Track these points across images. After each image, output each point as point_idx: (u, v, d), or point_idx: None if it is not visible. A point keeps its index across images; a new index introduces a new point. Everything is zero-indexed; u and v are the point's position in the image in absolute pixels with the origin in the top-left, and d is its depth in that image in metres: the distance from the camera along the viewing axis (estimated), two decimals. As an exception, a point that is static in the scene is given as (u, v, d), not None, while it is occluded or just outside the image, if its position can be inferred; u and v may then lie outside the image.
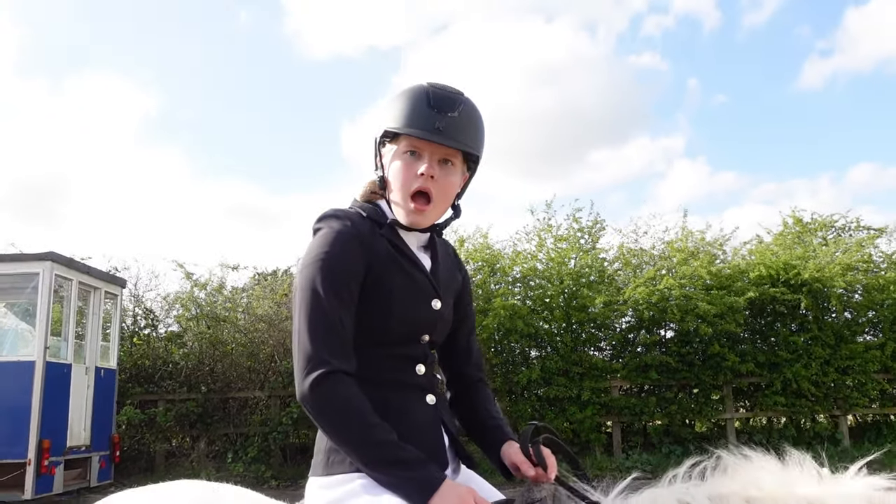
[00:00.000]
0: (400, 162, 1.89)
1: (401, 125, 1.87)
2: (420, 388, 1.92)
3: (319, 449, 1.87)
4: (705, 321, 12.50)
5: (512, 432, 2.01)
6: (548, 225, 14.24)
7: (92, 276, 11.57)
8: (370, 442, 1.70)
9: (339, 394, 1.72)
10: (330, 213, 1.92)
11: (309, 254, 1.85)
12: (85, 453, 10.83)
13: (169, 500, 1.92)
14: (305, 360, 1.75)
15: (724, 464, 1.62)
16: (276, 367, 13.49)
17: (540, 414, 12.68)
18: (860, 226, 15.30)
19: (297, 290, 1.84)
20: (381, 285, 1.86)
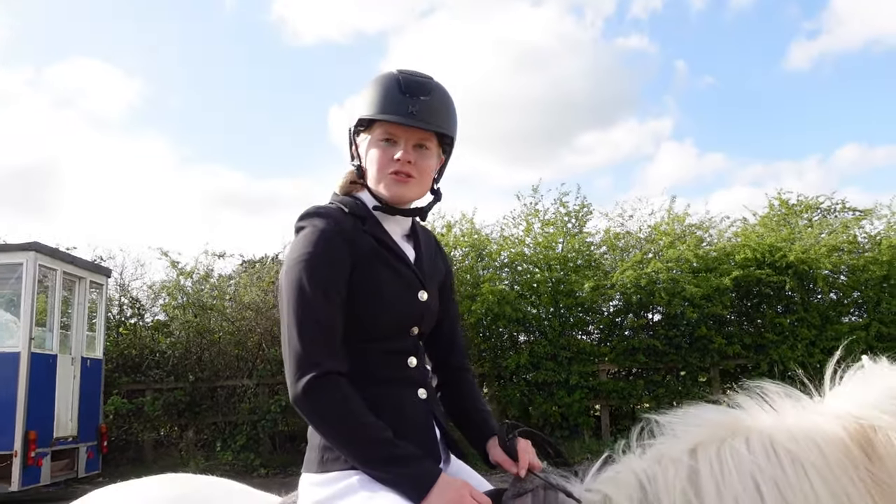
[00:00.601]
0: (376, 150, 1.91)
1: (374, 112, 1.88)
2: (412, 381, 1.93)
3: (313, 446, 1.86)
4: (692, 304, 12.56)
5: (497, 425, 2.02)
6: (535, 209, 14.25)
7: (76, 265, 11.48)
8: (366, 441, 1.71)
9: (333, 395, 1.72)
10: (312, 211, 1.91)
11: (293, 253, 1.84)
12: (72, 444, 10.78)
13: (155, 496, 1.90)
14: (297, 363, 1.75)
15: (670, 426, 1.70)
16: (264, 355, 13.46)
17: (528, 399, 12.73)
18: (845, 207, 15.38)
19: (284, 290, 1.83)
20: (367, 281, 1.85)
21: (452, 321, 2.16)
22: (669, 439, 1.68)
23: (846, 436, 1.53)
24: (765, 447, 1.57)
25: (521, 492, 1.76)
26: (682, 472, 1.60)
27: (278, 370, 12.92)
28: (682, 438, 1.66)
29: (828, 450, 1.53)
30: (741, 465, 1.55)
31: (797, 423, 1.60)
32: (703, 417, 1.69)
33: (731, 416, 1.68)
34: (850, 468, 1.51)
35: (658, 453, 1.67)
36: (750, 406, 1.69)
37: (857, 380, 1.66)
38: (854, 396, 1.61)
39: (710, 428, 1.65)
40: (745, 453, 1.56)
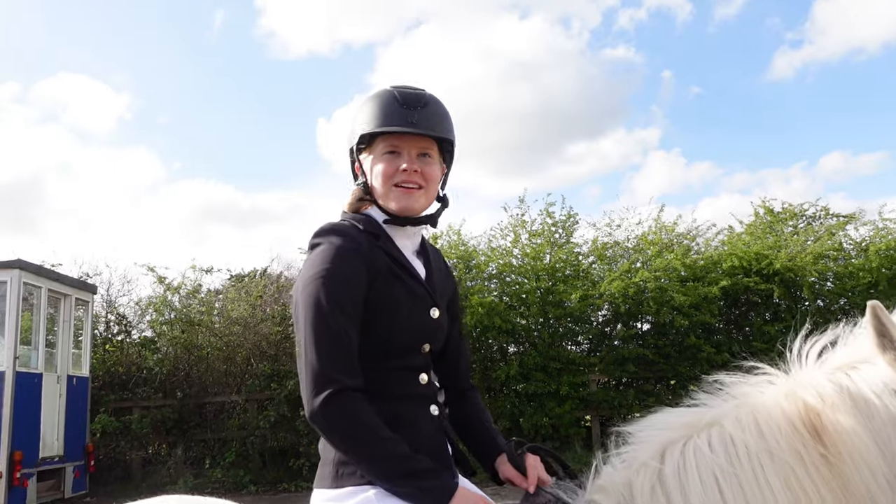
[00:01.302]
0: (381, 163, 1.95)
1: (375, 126, 1.93)
2: (425, 398, 1.95)
3: (326, 461, 1.87)
4: (681, 313, 12.59)
5: (505, 442, 2.06)
6: (522, 220, 14.25)
7: (62, 283, 11.39)
8: (384, 456, 1.72)
9: (350, 411, 1.73)
10: (328, 228, 1.93)
11: (310, 270, 1.85)
12: (58, 464, 10.66)
13: None
14: (314, 379, 1.75)
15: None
16: (253, 371, 13.37)
17: (519, 410, 12.69)
18: (829, 213, 15.48)
19: (300, 307, 1.83)
20: (382, 298, 1.87)
21: (458, 339, 2.18)
22: (640, 445, 1.73)
23: (797, 419, 1.58)
24: (724, 442, 1.61)
25: None
26: (652, 476, 1.65)
27: (267, 385, 12.85)
28: (651, 442, 1.71)
29: (779, 437, 1.57)
30: (702, 463, 1.60)
31: (753, 412, 1.64)
32: (668, 420, 1.74)
33: (694, 415, 1.72)
34: (802, 453, 1.55)
35: (631, 459, 1.72)
36: (712, 401, 1.74)
37: (814, 357, 1.72)
38: (804, 377, 1.67)
39: (675, 430, 1.70)
40: (707, 451, 1.61)
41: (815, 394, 1.59)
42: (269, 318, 13.96)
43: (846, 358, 1.65)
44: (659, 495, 1.62)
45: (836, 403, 1.56)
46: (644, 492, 1.64)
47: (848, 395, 1.57)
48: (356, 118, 2.00)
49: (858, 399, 1.56)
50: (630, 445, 1.76)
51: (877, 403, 1.54)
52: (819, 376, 1.64)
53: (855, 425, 1.53)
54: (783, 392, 1.65)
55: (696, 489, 1.58)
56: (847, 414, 1.54)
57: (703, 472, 1.59)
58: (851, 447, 1.52)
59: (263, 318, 14.00)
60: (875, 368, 1.59)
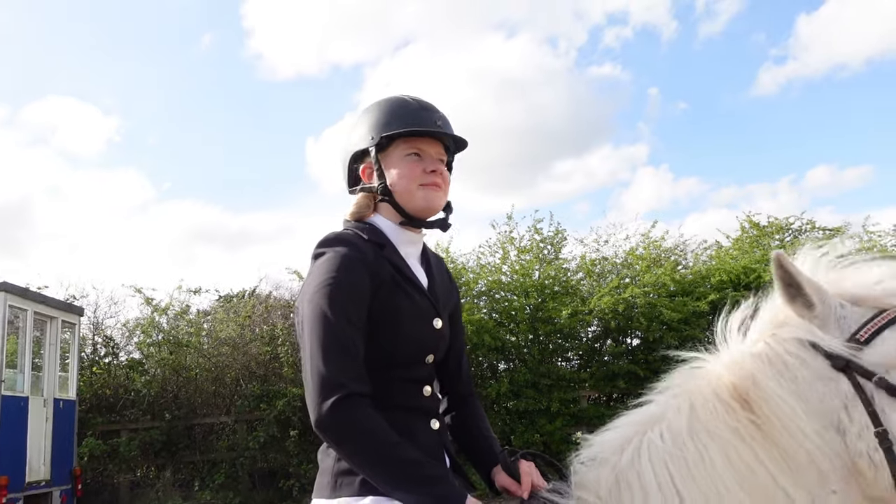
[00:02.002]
0: (405, 164, 1.96)
1: (400, 126, 1.95)
2: (426, 411, 1.94)
3: (325, 470, 1.85)
4: (670, 328, 12.61)
5: (499, 451, 2.06)
6: (510, 237, 14.29)
7: (48, 305, 11.30)
8: (395, 461, 1.70)
9: (359, 416, 1.71)
10: (332, 238, 1.93)
11: (315, 279, 1.85)
12: (45, 488, 10.53)
13: None
14: (321, 385, 1.73)
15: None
16: (242, 391, 13.28)
17: (510, 427, 12.65)
18: (815, 227, 15.59)
19: (306, 316, 1.82)
20: (386, 309, 1.87)
21: (459, 348, 2.17)
22: (603, 445, 1.78)
23: (726, 395, 1.62)
24: (671, 430, 1.66)
25: None
26: (614, 469, 1.70)
27: (256, 406, 12.76)
28: (611, 442, 1.77)
29: (713, 416, 1.62)
30: (654, 452, 1.65)
31: (689, 397, 1.69)
32: (623, 422, 1.80)
33: (643, 413, 1.78)
34: (737, 427, 1.58)
35: (597, 458, 1.77)
36: (658, 397, 1.79)
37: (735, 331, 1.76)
38: (727, 354, 1.71)
39: (629, 427, 1.76)
40: (658, 442, 1.66)
41: (740, 369, 1.62)
42: (258, 338, 13.89)
43: (764, 325, 1.69)
44: (622, 485, 1.66)
45: (757, 374, 1.58)
46: (608, 483, 1.68)
47: (767, 362, 1.59)
48: (365, 121, 2.01)
49: (778, 364, 1.58)
50: (595, 447, 1.80)
51: (795, 363, 1.57)
52: (740, 350, 1.67)
53: (779, 390, 1.55)
54: (711, 373, 1.69)
55: (649, 476, 1.62)
56: (771, 381, 1.57)
57: (655, 460, 1.63)
58: (780, 413, 1.53)
59: (252, 339, 13.94)
60: (789, 327, 1.62)
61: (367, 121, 2.01)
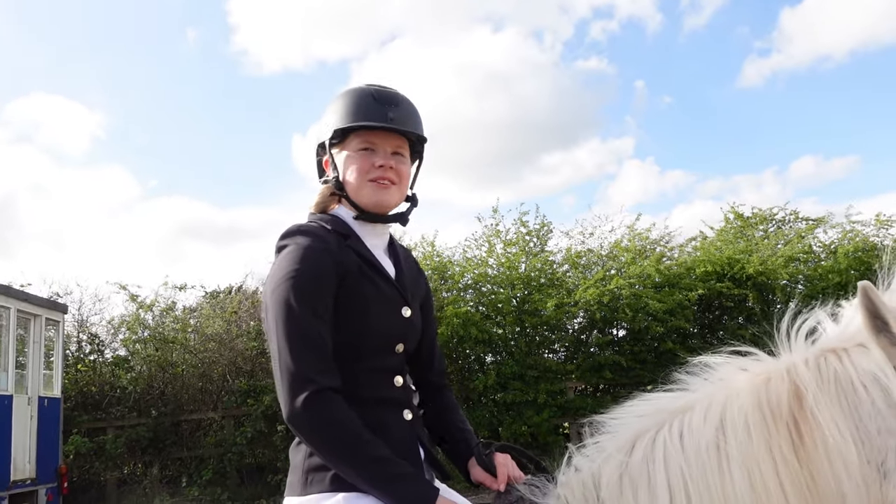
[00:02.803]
0: (356, 159, 1.94)
1: (352, 121, 1.93)
2: (398, 402, 1.93)
3: (296, 467, 1.84)
4: (656, 319, 12.69)
5: (475, 444, 2.04)
6: (496, 230, 14.31)
7: (31, 303, 11.21)
8: (366, 459, 1.70)
9: (331, 412, 1.71)
10: (294, 230, 1.91)
11: (279, 272, 1.83)
12: (30, 486, 10.46)
13: None
14: (291, 381, 1.72)
15: None
16: (229, 387, 13.26)
17: (498, 419, 12.69)
18: (798, 217, 15.73)
19: (271, 309, 1.81)
20: (352, 298, 1.85)
21: (431, 341, 2.16)
22: (614, 434, 1.71)
23: (772, 408, 1.51)
24: (693, 433, 1.57)
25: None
26: (619, 467, 1.63)
27: (243, 401, 12.74)
28: (623, 432, 1.69)
29: (750, 429, 1.51)
30: (670, 457, 1.56)
31: (727, 398, 1.58)
32: (642, 408, 1.71)
33: (669, 400, 1.69)
34: (771, 446, 1.48)
35: (601, 450, 1.71)
36: (692, 384, 1.69)
37: (803, 336, 1.64)
38: (790, 358, 1.59)
39: (648, 417, 1.68)
40: (676, 444, 1.57)
41: (798, 379, 1.51)
42: (245, 333, 13.86)
43: (838, 339, 1.55)
44: (626, 488, 1.60)
45: (819, 390, 1.47)
46: (611, 484, 1.62)
47: (834, 380, 1.48)
48: (328, 113, 2.00)
49: (846, 386, 1.47)
50: (604, 435, 1.75)
51: (863, 394, 1.45)
52: (806, 358, 1.54)
53: (836, 415, 1.44)
54: (764, 376, 1.57)
55: (663, 486, 1.55)
56: (830, 401, 1.46)
57: (671, 469, 1.56)
58: (828, 438, 1.43)
59: (239, 335, 13.90)
60: (867, 354, 1.48)
61: (328, 112, 2.00)
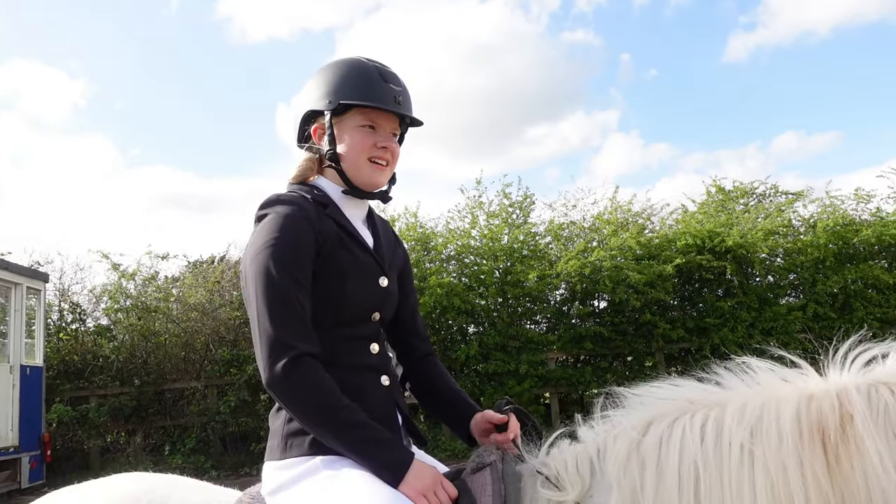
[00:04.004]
0: (358, 135, 1.95)
1: (360, 98, 1.93)
2: (374, 369, 1.95)
3: (275, 433, 1.87)
4: (636, 291, 12.81)
5: (476, 404, 2.10)
6: (479, 202, 14.33)
7: (11, 271, 11.14)
8: (343, 423, 1.73)
9: (309, 377, 1.73)
10: (273, 199, 1.92)
11: (258, 240, 1.85)
12: (13, 454, 10.49)
13: (116, 493, 1.89)
14: (270, 346, 1.74)
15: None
16: (212, 357, 13.28)
17: (480, 389, 12.82)
18: (779, 191, 15.85)
19: (250, 277, 1.83)
20: (331, 266, 1.87)
21: (413, 309, 2.19)
22: (629, 412, 1.73)
23: (810, 424, 1.47)
24: (717, 429, 1.54)
25: (479, 466, 1.79)
26: (630, 444, 1.63)
27: (226, 371, 12.78)
28: (640, 411, 1.70)
29: (782, 440, 1.47)
30: (686, 447, 1.55)
31: (765, 404, 1.54)
32: (669, 391, 1.71)
33: (699, 391, 1.67)
34: (803, 461, 1.45)
35: (613, 426, 1.73)
36: (728, 381, 1.66)
37: (861, 364, 1.57)
38: (840, 381, 1.55)
39: (671, 402, 1.67)
40: (696, 435, 1.55)
41: (845, 401, 1.47)
42: (228, 303, 13.85)
43: (894, 374, 1.51)
44: (633, 466, 1.60)
45: (867, 418, 1.43)
46: (618, 459, 1.63)
47: (884, 412, 1.44)
48: (326, 82, 1.98)
49: (895, 418, 1.43)
50: (621, 409, 1.75)
51: None
52: (858, 385, 1.50)
53: (882, 446, 1.40)
54: (809, 392, 1.53)
55: (673, 471, 1.54)
56: (878, 432, 1.42)
57: (685, 457, 1.54)
58: (868, 466, 1.40)
59: (222, 304, 13.89)
60: None
61: (326, 80, 1.98)
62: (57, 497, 1.93)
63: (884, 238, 13.93)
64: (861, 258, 14.06)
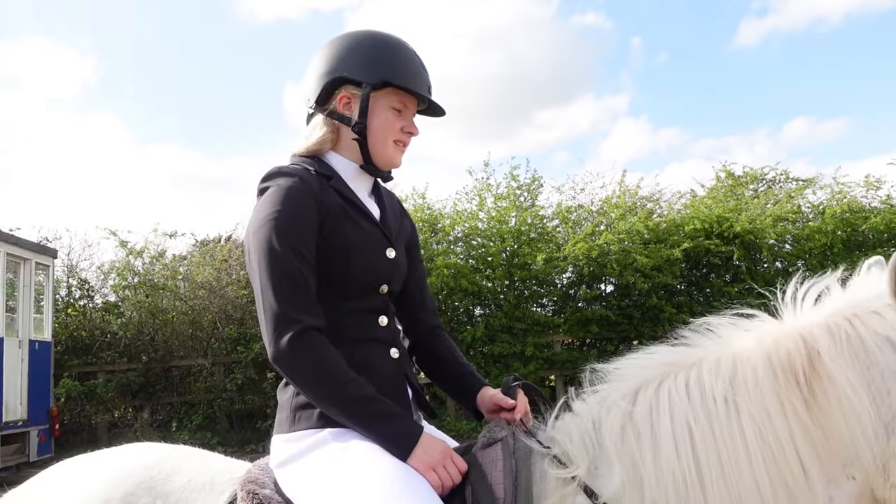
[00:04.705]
0: (388, 114, 1.95)
1: (404, 82, 1.93)
2: (383, 341, 1.94)
3: (284, 406, 1.86)
4: (643, 275, 12.80)
5: (483, 378, 2.08)
6: (487, 184, 14.30)
7: (21, 247, 11.20)
8: (350, 397, 1.72)
9: (315, 352, 1.72)
10: (275, 172, 1.90)
11: (260, 213, 1.83)
12: (22, 428, 10.60)
13: (127, 463, 1.90)
14: (275, 321, 1.73)
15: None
16: (219, 334, 13.35)
17: (485, 371, 12.86)
18: (789, 178, 15.76)
19: (253, 251, 1.81)
20: (336, 238, 1.85)
21: (420, 281, 2.17)
22: (616, 383, 1.76)
23: (782, 365, 1.55)
24: (700, 386, 1.60)
25: (490, 441, 1.79)
26: (623, 416, 1.66)
27: (233, 348, 12.85)
28: (626, 381, 1.73)
29: (759, 384, 1.55)
30: (676, 408, 1.60)
31: (735, 355, 1.62)
32: (647, 359, 1.76)
33: (675, 354, 1.73)
34: (783, 401, 1.53)
35: (603, 398, 1.75)
36: (695, 340, 1.74)
37: (811, 301, 1.68)
38: (798, 321, 1.65)
39: (652, 369, 1.72)
40: (683, 395, 1.61)
41: (809, 338, 1.56)
42: (235, 282, 13.90)
43: (847, 304, 1.61)
44: (629, 437, 1.63)
45: (833, 350, 1.53)
46: (613, 432, 1.65)
47: (847, 341, 1.54)
48: (370, 54, 1.94)
49: (858, 347, 1.53)
50: (606, 383, 1.78)
51: (877, 356, 1.52)
52: (816, 321, 1.60)
53: (850, 373, 1.50)
54: (771, 337, 1.62)
55: (667, 434, 1.58)
56: (843, 361, 1.51)
57: (676, 418, 1.59)
58: (842, 395, 1.49)
59: (229, 283, 13.94)
60: (880, 319, 1.55)
61: (369, 52, 1.95)
62: (70, 465, 1.94)
63: (893, 225, 13.86)
64: (870, 245, 13.98)
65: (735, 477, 1.51)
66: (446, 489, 1.70)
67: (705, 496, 1.52)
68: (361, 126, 1.94)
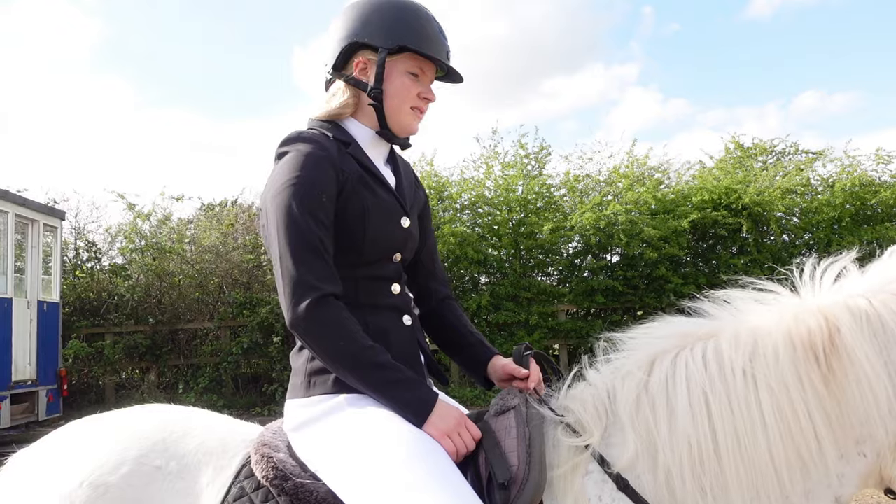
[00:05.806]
0: (405, 80, 1.94)
1: (422, 47, 1.92)
2: (396, 308, 1.95)
3: (298, 371, 1.87)
4: (650, 245, 12.77)
5: (494, 347, 2.09)
6: (494, 152, 14.23)
7: (29, 208, 11.22)
8: (367, 364, 1.73)
9: (333, 318, 1.73)
10: (294, 136, 1.89)
11: (279, 178, 1.82)
12: (31, 387, 10.71)
13: (139, 424, 1.92)
14: (294, 287, 1.73)
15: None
16: (225, 298, 13.42)
17: (490, 339, 12.91)
18: (799, 150, 15.63)
19: (271, 217, 1.80)
20: (353, 206, 1.85)
21: (432, 251, 2.17)
22: (631, 353, 1.77)
23: (801, 341, 1.58)
24: (718, 358, 1.62)
25: (503, 409, 1.79)
26: (638, 386, 1.68)
27: (239, 312, 12.93)
28: (641, 351, 1.75)
29: (779, 359, 1.57)
30: (692, 379, 1.62)
31: (755, 330, 1.64)
32: (663, 329, 1.78)
33: (692, 325, 1.75)
34: (801, 376, 1.56)
35: (618, 367, 1.76)
36: (714, 312, 1.75)
37: (830, 281, 1.70)
38: (819, 299, 1.66)
39: (668, 339, 1.73)
40: (699, 366, 1.63)
41: (830, 316, 1.58)
42: (241, 246, 13.94)
43: (867, 285, 1.64)
44: (644, 406, 1.65)
45: (852, 328, 1.55)
46: (628, 401, 1.67)
47: (867, 321, 1.56)
48: (388, 18, 1.92)
49: (877, 327, 1.55)
50: (621, 352, 1.79)
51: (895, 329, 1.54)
52: (837, 299, 1.62)
53: (869, 350, 1.53)
54: (793, 312, 1.64)
55: (684, 404, 1.60)
56: (863, 340, 1.54)
57: (693, 389, 1.61)
58: (860, 373, 1.52)
59: (235, 247, 13.98)
60: None
61: (386, 16, 1.92)
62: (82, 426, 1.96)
63: (903, 200, 13.75)
64: (878, 219, 13.90)
65: (751, 447, 1.54)
66: (461, 456, 1.71)
67: (721, 465, 1.55)
68: (378, 91, 1.93)
